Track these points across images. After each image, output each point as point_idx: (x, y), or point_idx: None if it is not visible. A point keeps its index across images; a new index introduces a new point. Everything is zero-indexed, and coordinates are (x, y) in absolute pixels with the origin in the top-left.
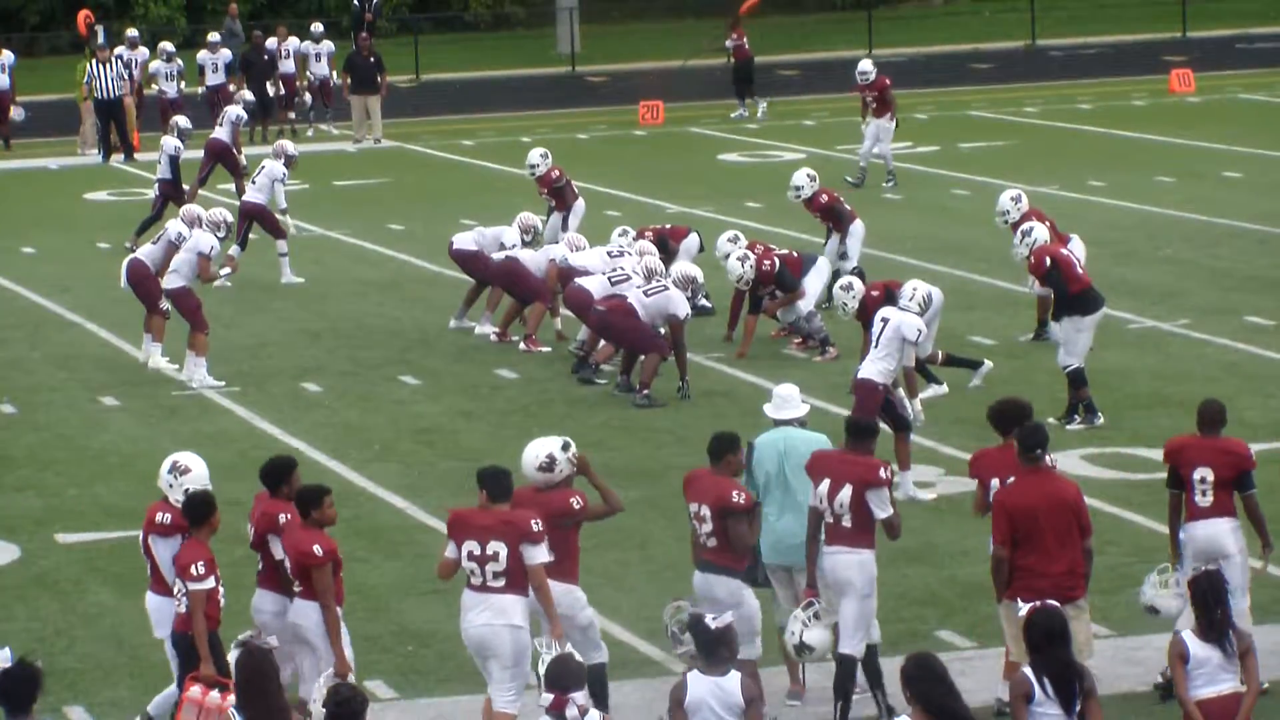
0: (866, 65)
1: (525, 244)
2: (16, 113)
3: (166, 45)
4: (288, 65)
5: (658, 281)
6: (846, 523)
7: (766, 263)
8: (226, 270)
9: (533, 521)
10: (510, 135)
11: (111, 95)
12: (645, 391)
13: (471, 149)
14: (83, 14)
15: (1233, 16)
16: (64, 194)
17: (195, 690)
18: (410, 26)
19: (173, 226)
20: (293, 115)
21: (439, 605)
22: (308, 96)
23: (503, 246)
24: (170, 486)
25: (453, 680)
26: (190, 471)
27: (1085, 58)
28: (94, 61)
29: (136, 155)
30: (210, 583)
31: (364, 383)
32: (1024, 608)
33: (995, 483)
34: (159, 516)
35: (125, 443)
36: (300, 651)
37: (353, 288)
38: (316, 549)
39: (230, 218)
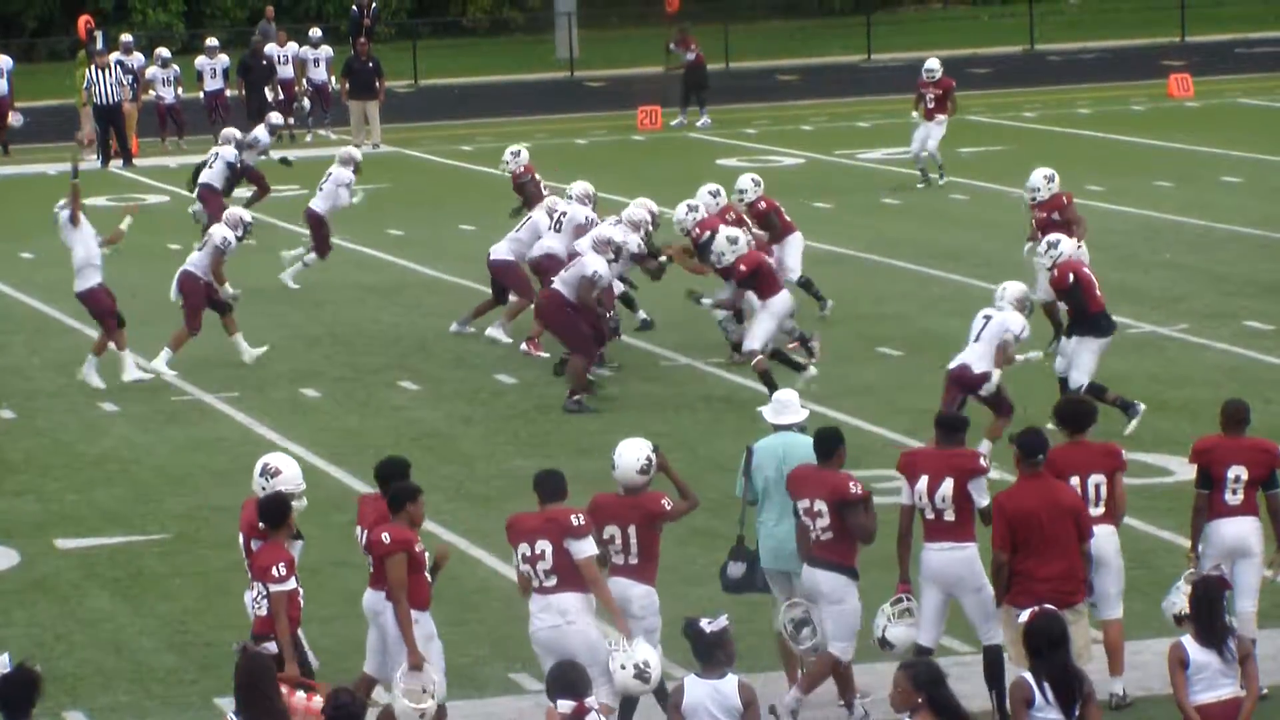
0: (934, 63)
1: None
2: (15, 118)
3: (163, 51)
4: (286, 70)
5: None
6: (949, 516)
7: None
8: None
9: (573, 516)
10: (509, 140)
11: (111, 101)
12: (575, 397)
13: (471, 154)
14: (83, 19)
15: (1232, 21)
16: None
17: (299, 695)
18: (409, 31)
19: (217, 231)
20: (291, 120)
21: (434, 612)
22: (306, 102)
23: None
24: (263, 490)
25: (451, 686)
26: (281, 473)
27: (1084, 62)
28: (93, 67)
29: (135, 161)
30: (292, 583)
31: (363, 388)
32: (1023, 613)
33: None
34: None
35: (124, 448)
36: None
37: (352, 293)
38: (385, 537)
39: (248, 217)
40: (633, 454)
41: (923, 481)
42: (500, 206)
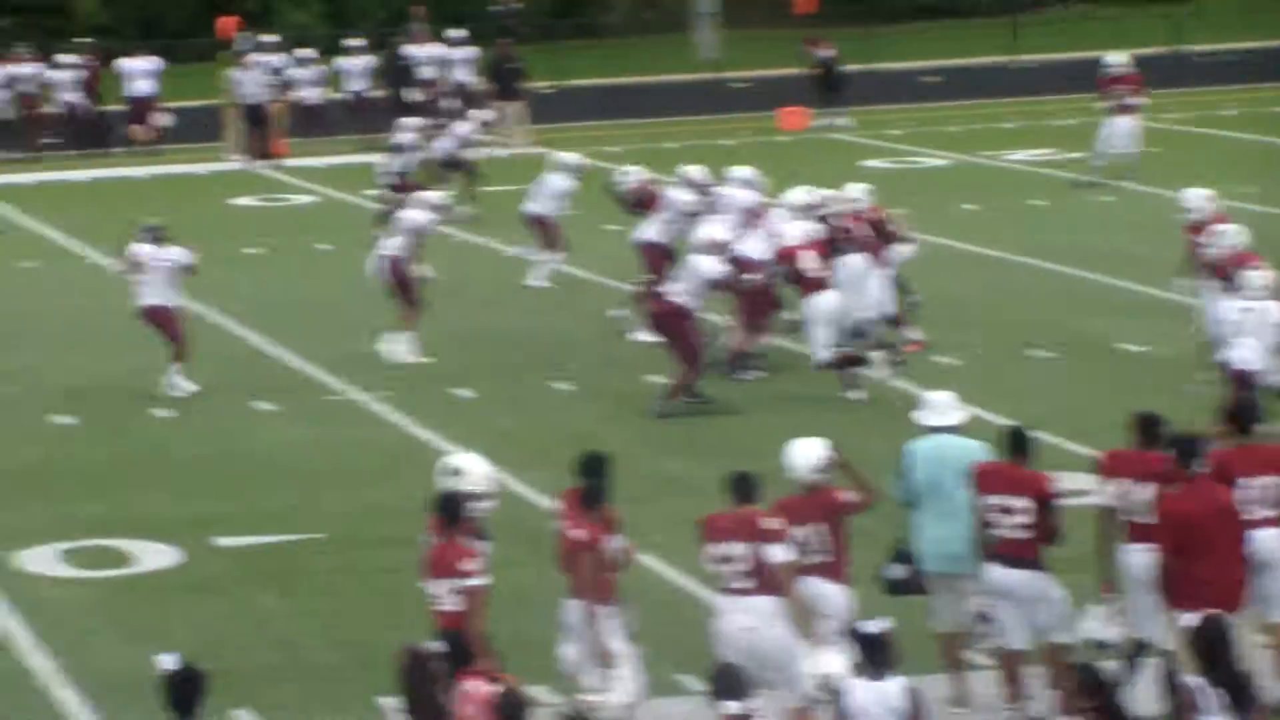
0: (1118, 57)
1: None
2: (164, 118)
3: (305, 51)
4: (428, 71)
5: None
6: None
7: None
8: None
9: (769, 520)
10: (652, 141)
11: (257, 101)
12: (683, 399)
13: (614, 155)
14: (227, 20)
15: None
16: (210, 199)
17: (476, 684)
18: (550, 32)
19: (415, 215)
20: (432, 120)
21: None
22: (448, 102)
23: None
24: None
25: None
26: (463, 474)
27: (1230, 63)
28: (239, 68)
29: (282, 160)
30: (482, 579)
31: (516, 388)
32: (1189, 618)
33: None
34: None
35: (280, 447)
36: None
37: (503, 294)
38: (581, 534)
39: (448, 201)
40: (807, 452)
41: (1125, 484)
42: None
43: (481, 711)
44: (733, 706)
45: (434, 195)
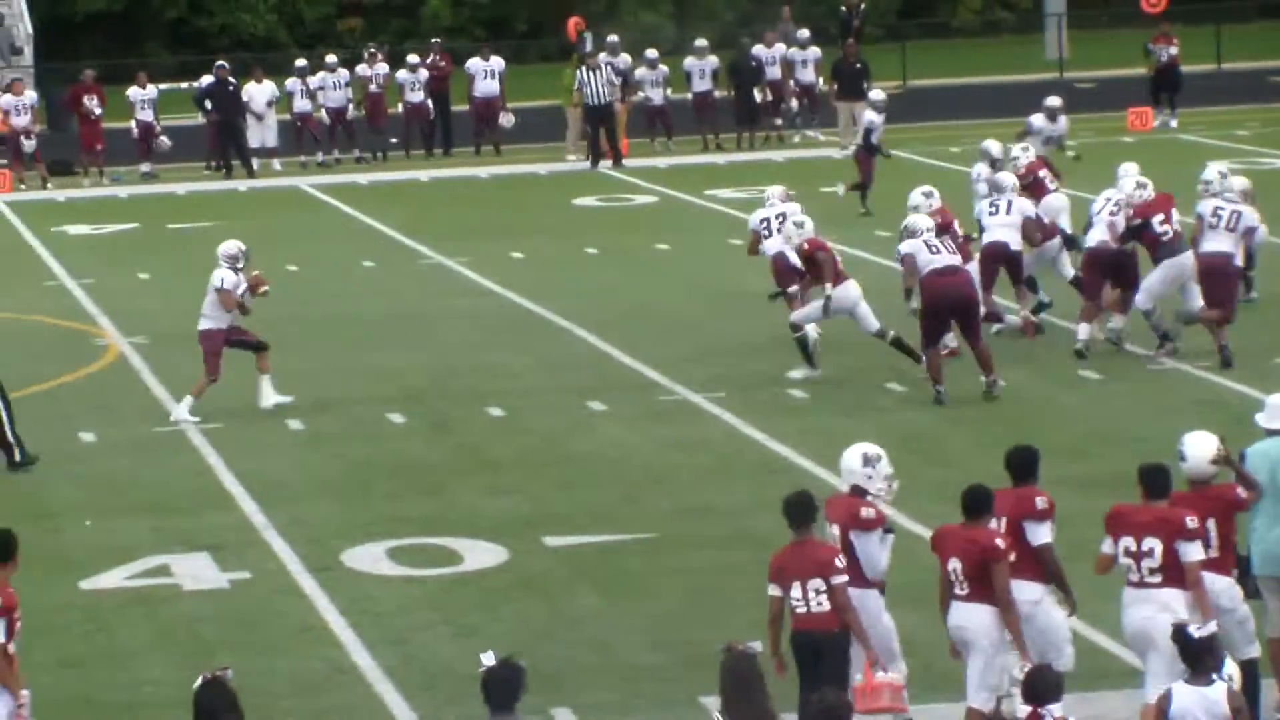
0: None
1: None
2: (506, 118)
3: (651, 52)
4: (774, 72)
5: None
6: None
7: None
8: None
9: (1189, 519)
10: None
11: (602, 101)
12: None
13: (958, 155)
14: (572, 20)
15: None
16: (553, 200)
17: (879, 674)
18: (897, 33)
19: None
20: (779, 122)
21: (921, 613)
22: (794, 103)
23: None
24: (869, 478)
25: (937, 689)
26: (883, 459)
27: None
28: (584, 68)
29: (625, 161)
30: (847, 576)
31: (849, 390)
32: None
33: None
34: (863, 511)
35: (611, 447)
36: (968, 655)
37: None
38: (999, 542)
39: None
40: (1205, 445)
41: None
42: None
43: (890, 697)
44: (1025, 710)
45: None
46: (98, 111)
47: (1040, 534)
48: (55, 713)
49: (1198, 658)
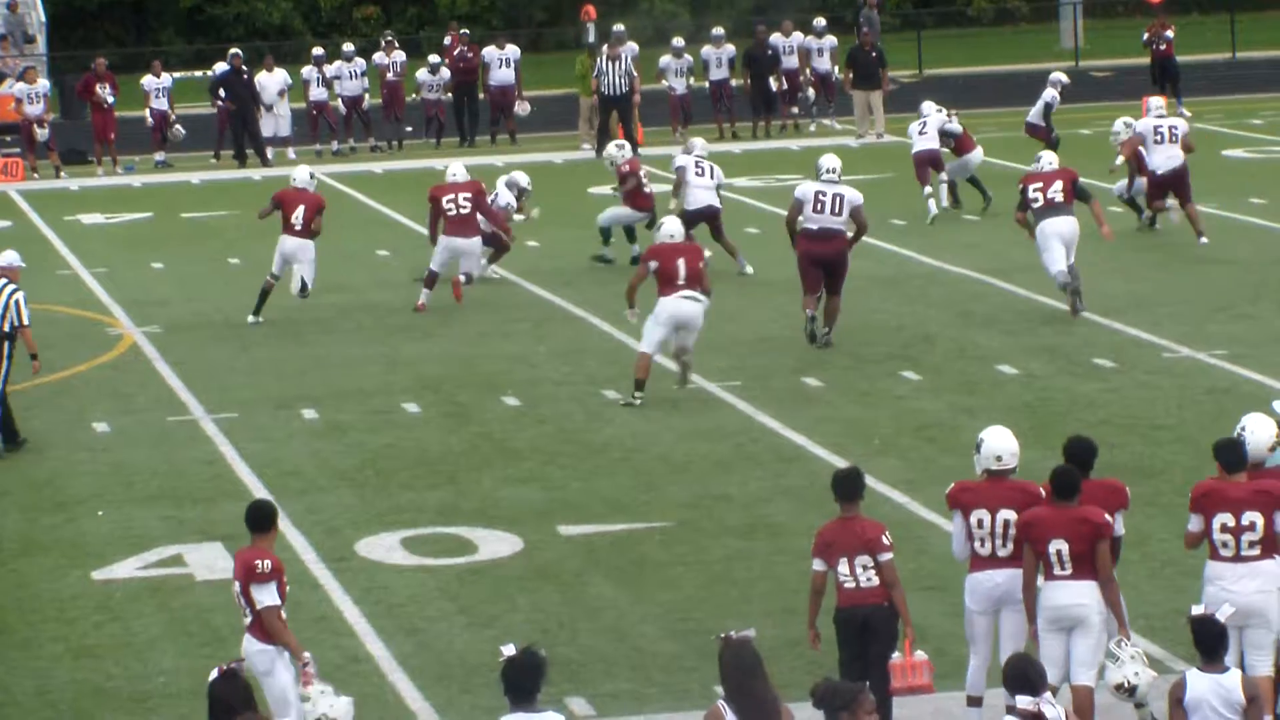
0: None
1: None
2: (521, 107)
3: (677, 41)
4: (790, 60)
5: None
6: None
7: None
8: None
9: None
10: (1012, 131)
11: (619, 91)
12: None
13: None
14: (587, 9)
15: None
16: (568, 188)
17: (918, 653)
18: (913, 22)
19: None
20: (795, 110)
21: (937, 601)
22: (810, 91)
23: None
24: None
25: (953, 675)
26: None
27: None
28: (603, 57)
29: (640, 150)
30: (892, 552)
31: (865, 378)
32: None
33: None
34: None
35: (627, 436)
36: (1075, 633)
37: (853, 284)
38: (1109, 518)
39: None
40: (1265, 430)
41: None
42: (999, 198)
43: (929, 675)
44: (1025, 702)
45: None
46: (110, 100)
47: (1120, 525)
48: (68, 703)
49: (1215, 645)
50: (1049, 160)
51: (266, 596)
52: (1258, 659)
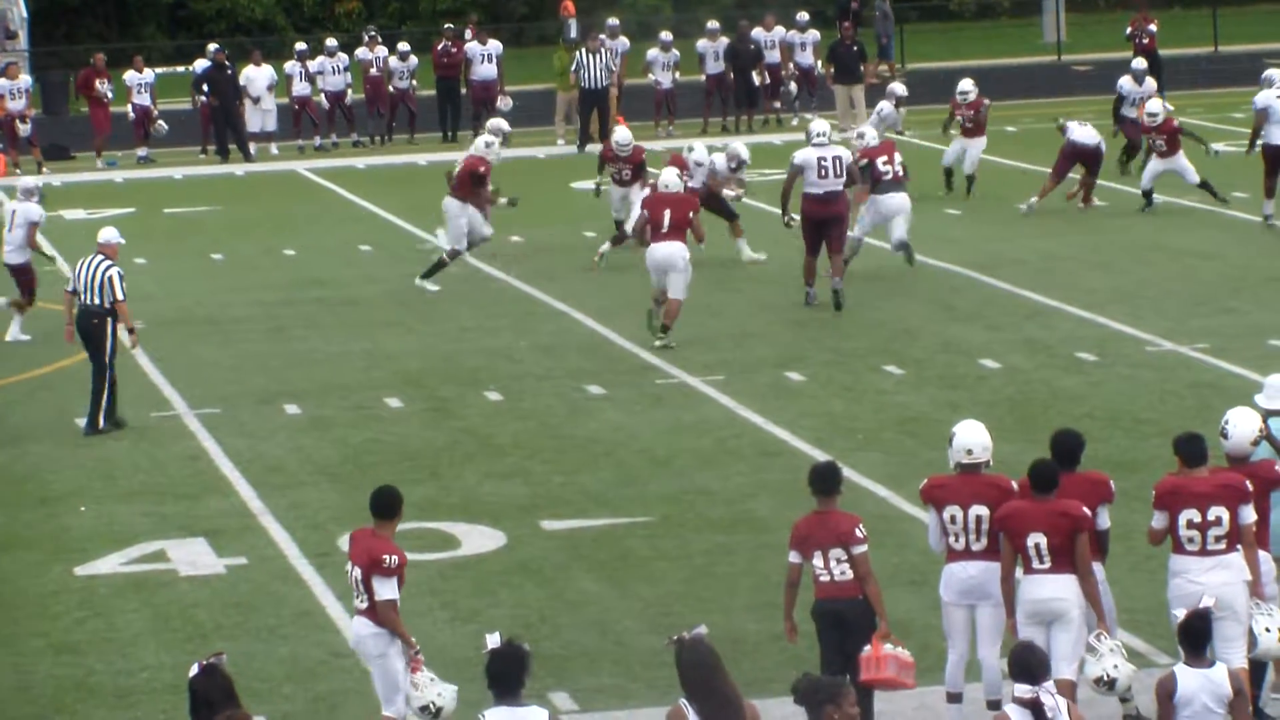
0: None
1: None
2: (504, 102)
3: (666, 34)
4: (773, 55)
5: None
6: None
7: None
8: None
9: (1246, 481)
10: (994, 125)
11: (599, 85)
12: None
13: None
14: (564, 4)
15: None
16: (551, 183)
17: (887, 646)
18: (896, 16)
19: None
20: (778, 104)
21: (920, 596)
22: (793, 86)
23: None
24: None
25: (935, 670)
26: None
27: None
28: (584, 50)
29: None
30: (866, 545)
31: (847, 372)
32: None
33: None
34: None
35: (609, 430)
36: (1054, 627)
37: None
38: (1087, 511)
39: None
40: (1248, 424)
41: None
42: (991, 191)
43: (896, 669)
44: (1023, 691)
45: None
46: (110, 95)
47: (1107, 518)
48: (50, 698)
49: (1199, 639)
50: (863, 132)
51: (387, 590)
52: (1230, 651)
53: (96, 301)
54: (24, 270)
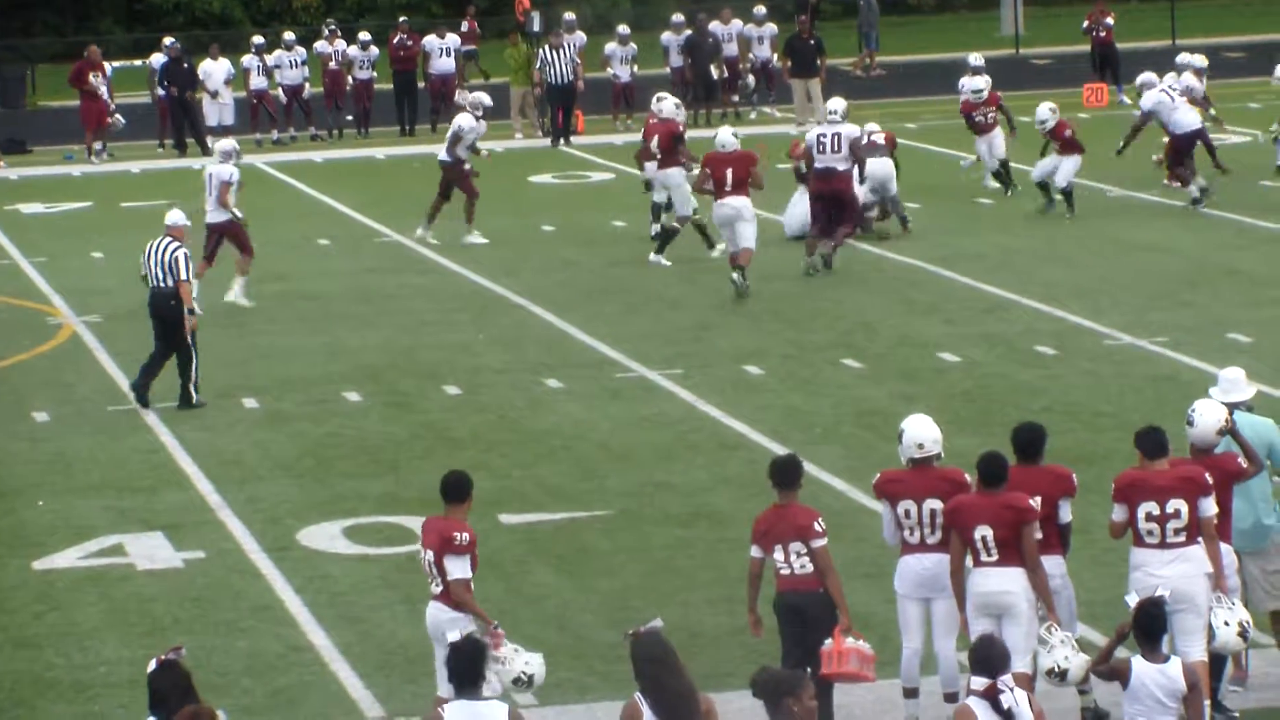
0: None
1: None
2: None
3: (623, 28)
4: (731, 48)
5: None
6: None
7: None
8: None
9: (1206, 474)
10: (952, 119)
11: (565, 81)
12: None
13: (915, 132)
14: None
15: None
16: (509, 177)
17: (848, 640)
18: (854, 9)
19: None
20: (735, 98)
21: (878, 589)
22: (750, 79)
23: None
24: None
25: (894, 663)
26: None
27: None
28: (547, 46)
29: (581, 139)
30: (825, 539)
31: (806, 366)
32: None
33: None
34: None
35: (568, 424)
36: (1005, 621)
37: (795, 271)
38: (1033, 503)
39: None
40: (1213, 415)
41: None
42: (937, 183)
43: (857, 663)
44: (978, 683)
45: None
46: (103, 88)
47: (1068, 512)
48: (7, 692)
49: (1157, 631)
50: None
51: (459, 570)
52: (1189, 645)
53: (170, 283)
54: (225, 228)
